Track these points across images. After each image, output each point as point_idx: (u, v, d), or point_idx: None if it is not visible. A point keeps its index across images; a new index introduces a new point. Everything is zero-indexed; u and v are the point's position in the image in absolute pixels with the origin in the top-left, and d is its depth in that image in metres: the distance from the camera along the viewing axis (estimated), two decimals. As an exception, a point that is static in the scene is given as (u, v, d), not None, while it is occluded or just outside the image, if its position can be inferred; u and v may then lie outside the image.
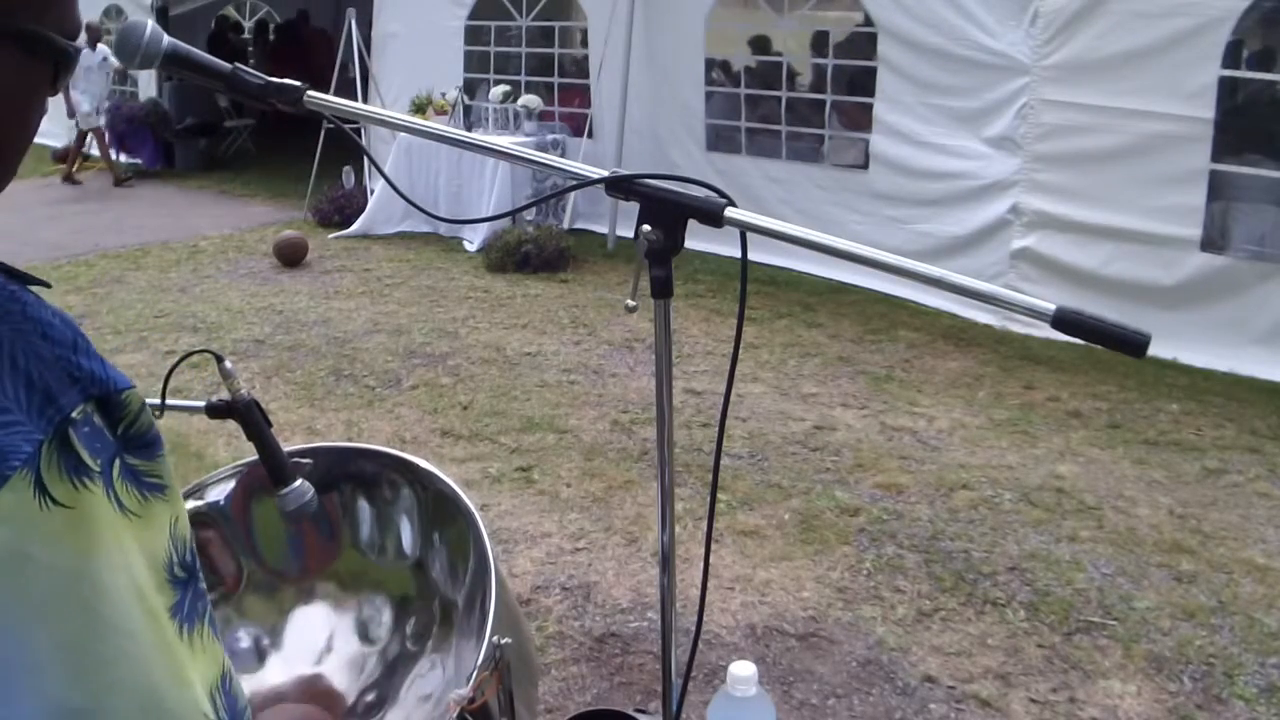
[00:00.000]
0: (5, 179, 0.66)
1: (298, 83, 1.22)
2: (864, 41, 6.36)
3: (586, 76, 7.40)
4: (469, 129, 7.29)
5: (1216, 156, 4.73)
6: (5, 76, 0.62)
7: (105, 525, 0.60)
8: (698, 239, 1.90)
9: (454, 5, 8.01)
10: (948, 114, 5.61)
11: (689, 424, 4.12)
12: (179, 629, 0.64)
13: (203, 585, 0.67)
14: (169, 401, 1.35)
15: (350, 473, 1.54)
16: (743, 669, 1.44)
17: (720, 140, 6.89)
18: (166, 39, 1.14)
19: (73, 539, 0.58)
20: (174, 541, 0.65)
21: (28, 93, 0.65)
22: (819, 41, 6.61)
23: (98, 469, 0.60)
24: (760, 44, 7.00)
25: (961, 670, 2.60)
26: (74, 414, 0.60)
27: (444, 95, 7.66)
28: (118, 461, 0.62)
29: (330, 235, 7.55)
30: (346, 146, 8.35)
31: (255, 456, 1.39)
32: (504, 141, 1.39)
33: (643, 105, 6.92)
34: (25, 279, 0.65)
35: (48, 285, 0.67)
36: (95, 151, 10.94)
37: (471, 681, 1.15)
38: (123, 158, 10.51)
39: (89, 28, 10.02)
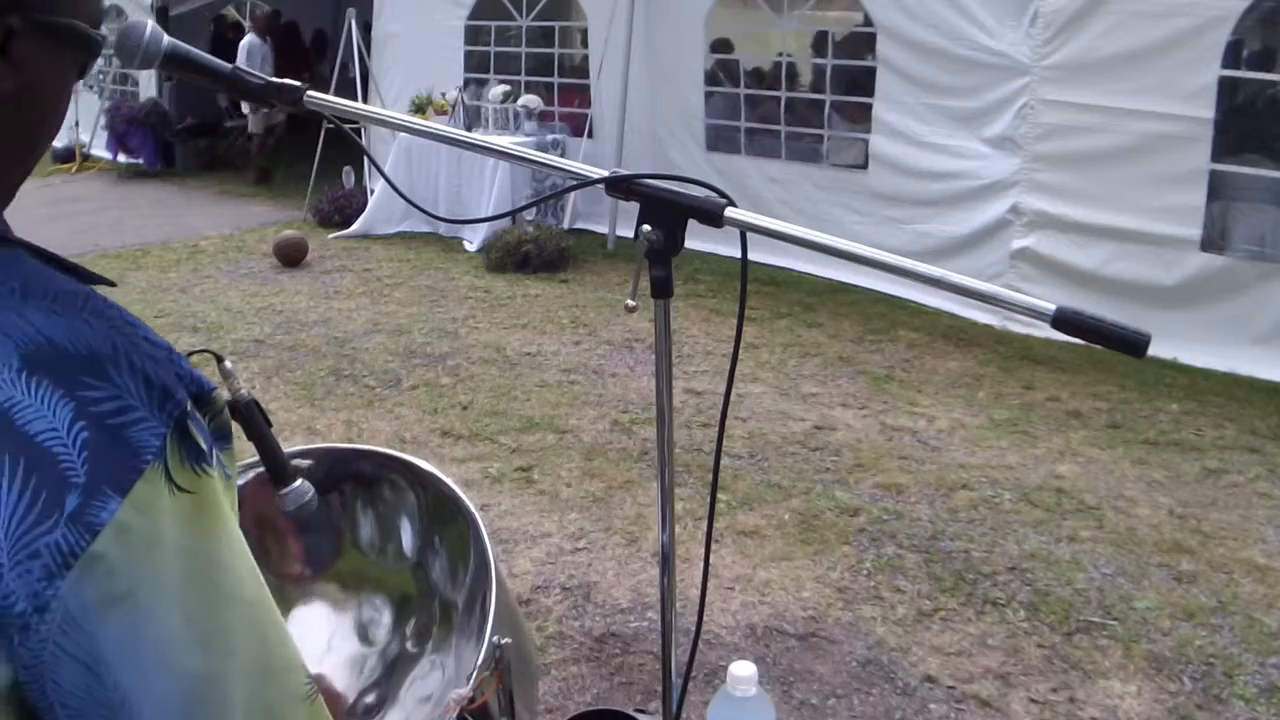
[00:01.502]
0: (36, 161, 0.72)
1: (297, 83, 1.22)
2: (864, 41, 6.36)
3: (586, 76, 7.40)
4: (469, 129, 7.29)
5: (1216, 156, 4.72)
6: (46, 66, 0.68)
7: (222, 507, 0.66)
8: (698, 239, 1.90)
9: (454, 5, 8.01)
10: (948, 114, 5.61)
11: (689, 424, 4.12)
12: None
13: None
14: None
15: (350, 473, 1.54)
16: (743, 669, 1.45)
17: (720, 140, 6.89)
18: (166, 39, 1.14)
19: (197, 522, 0.64)
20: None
21: (62, 80, 0.70)
22: (819, 41, 6.61)
23: (208, 455, 0.66)
24: (723, 46, 6.98)
25: (961, 670, 2.60)
26: (188, 407, 0.65)
27: (444, 95, 7.66)
28: (214, 451, 0.68)
29: (330, 235, 7.55)
30: (346, 146, 8.36)
31: (255, 456, 1.39)
32: (504, 141, 1.39)
33: (643, 105, 6.92)
34: (91, 278, 0.70)
35: (112, 284, 0.73)
36: (95, 152, 10.96)
37: (471, 681, 1.15)
38: (121, 158, 10.51)
39: (256, 18, 10.04)
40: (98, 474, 0.60)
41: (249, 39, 9.71)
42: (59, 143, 11.26)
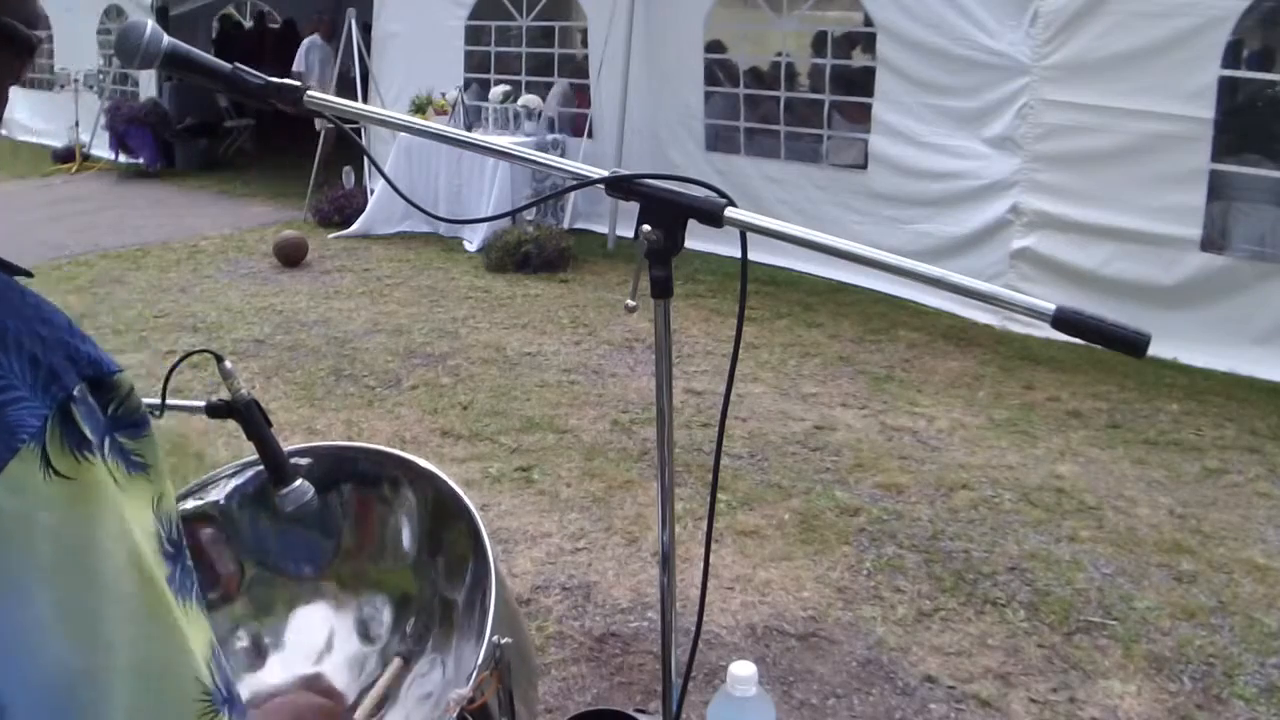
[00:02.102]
0: None
1: (297, 83, 1.22)
2: (863, 41, 6.36)
3: (586, 76, 7.40)
4: (469, 129, 7.29)
5: (1216, 156, 4.72)
6: None
7: (105, 496, 0.64)
8: (698, 239, 1.90)
9: (454, 5, 8.01)
10: (947, 114, 5.61)
11: (689, 424, 4.12)
12: (175, 599, 0.67)
13: (189, 562, 0.71)
14: (169, 401, 1.35)
15: (350, 473, 1.54)
16: (743, 669, 1.44)
17: (719, 140, 6.90)
18: (166, 39, 1.14)
19: (75, 508, 0.62)
20: (159, 518, 0.68)
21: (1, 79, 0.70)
22: (818, 41, 6.61)
23: (96, 443, 0.64)
24: (715, 46, 6.97)
25: (961, 670, 2.60)
26: (75, 391, 0.64)
27: (444, 95, 7.67)
28: (108, 440, 0.66)
29: (330, 235, 7.55)
30: (347, 146, 8.36)
31: (255, 456, 1.39)
32: (504, 141, 1.39)
33: (643, 105, 6.92)
34: (11, 269, 0.69)
35: (30, 275, 0.71)
36: (95, 152, 10.96)
37: (471, 681, 1.15)
38: (122, 158, 10.51)
39: (323, 21, 10.01)
40: None
41: (312, 38, 9.77)
42: (59, 142, 11.27)
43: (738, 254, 1.22)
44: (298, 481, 1.32)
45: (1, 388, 0.61)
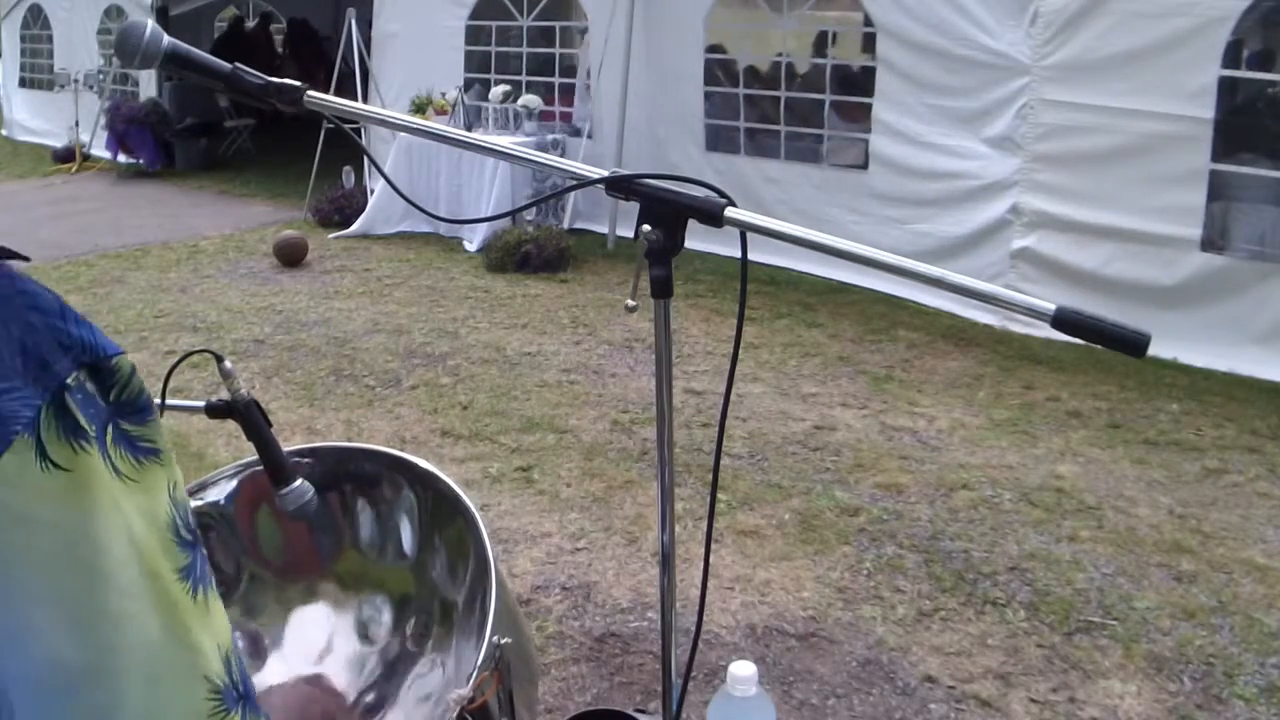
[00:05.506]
0: None
1: (297, 83, 1.22)
2: (864, 41, 6.36)
3: (587, 76, 7.40)
4: (469, 129, 7.29)
5: (1216, 156, 4.72)
6: None
7: (102, 487, 0.61)
8: (698, 239, 1.90)
9: (454, 5, 8.01)
10: (947, 114, 5.61)
11: (689, 424, 4.12)
12: (191, 591, 0.65)
13: (204, 551, 0.68)
14: (169, 401, 1.35)
15: (350, 473, 1.54)
16: (743, 669, 1.44)
17: (719, 140, 6.90)
18: (166, 39, 1.14)
19: (73, 500, 0.60)
20: (175, 505, 0.66)
21: None
22: (819, 41, 6.61)
23: (93, 434, 0.62)
24: (715, 49, 6.96)
25: (961, 670, 2.60)
26: (69, 380, 0.62)
27: (444, 95, 7.67)
28: (110, 427, 0.63)
29: (330, 235, 7.55)
30: (346, 146, 8.35)
31: (255, 456, 1.39)
32: (504, 141, 1.39)
33: (643, 105, 6.92)
34: (3, 253, 0.67)
35: (26, 259, 0.69)
36: (95, 152, 10.96)
37: (471, 681, 1.15)
38: (121, 158, 10.51)
39: None
40: None
41: None
42: (59, 142, 11.27)
43: (738, 254, 1.22)
44: (298, 481, 1.32)
45: None
